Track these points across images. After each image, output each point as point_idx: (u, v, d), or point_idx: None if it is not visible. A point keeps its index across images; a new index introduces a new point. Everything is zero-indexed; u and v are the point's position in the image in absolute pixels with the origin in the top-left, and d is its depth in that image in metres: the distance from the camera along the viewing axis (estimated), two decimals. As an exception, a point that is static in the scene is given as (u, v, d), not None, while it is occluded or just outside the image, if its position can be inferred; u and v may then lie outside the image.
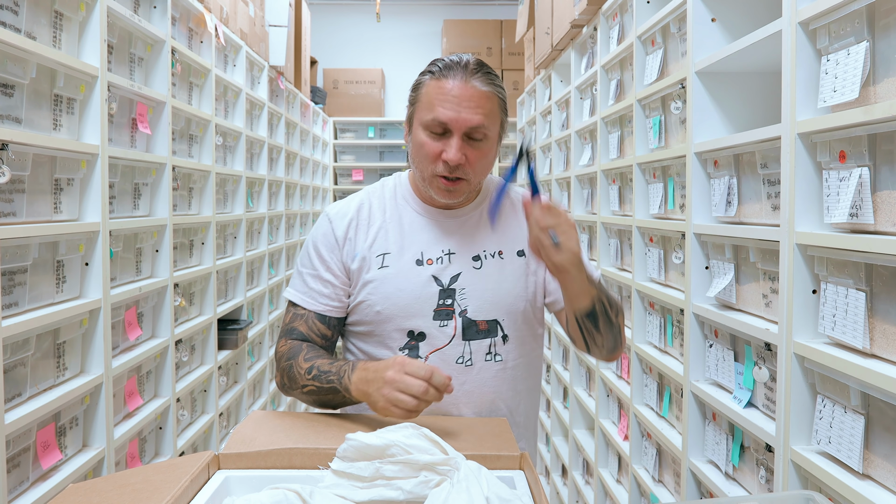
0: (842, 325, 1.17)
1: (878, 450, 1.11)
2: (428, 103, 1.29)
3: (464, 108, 1.26)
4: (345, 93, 6.65)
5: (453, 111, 1.26)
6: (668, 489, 2.01)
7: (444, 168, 1.28)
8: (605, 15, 2.56)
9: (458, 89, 1.27)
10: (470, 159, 1.29)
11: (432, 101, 1.28)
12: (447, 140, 1.28)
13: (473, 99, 1.27)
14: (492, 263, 1.38)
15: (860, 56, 1.10)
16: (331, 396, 1.26)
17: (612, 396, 2.57)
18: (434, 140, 1.29)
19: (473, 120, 1.26)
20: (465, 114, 1.26)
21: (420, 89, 1.32)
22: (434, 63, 1.33)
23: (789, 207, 1.28)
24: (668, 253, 2.01)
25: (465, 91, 1.26)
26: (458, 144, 1.27)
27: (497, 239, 1.40)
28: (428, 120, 1.28)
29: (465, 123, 1.26)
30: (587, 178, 2.96)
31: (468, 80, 1.27)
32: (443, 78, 1.28)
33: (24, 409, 1.53)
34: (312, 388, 1.28)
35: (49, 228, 1.62)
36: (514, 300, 1.37)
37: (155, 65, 2.26)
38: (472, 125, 1.26)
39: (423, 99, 1.30)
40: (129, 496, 0.90)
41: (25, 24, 1.58)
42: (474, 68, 1.29)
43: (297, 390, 1.31)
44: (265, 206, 3.76)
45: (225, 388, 3.03)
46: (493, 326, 1.36)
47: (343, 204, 1.42)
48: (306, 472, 1.05)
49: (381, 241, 1.37)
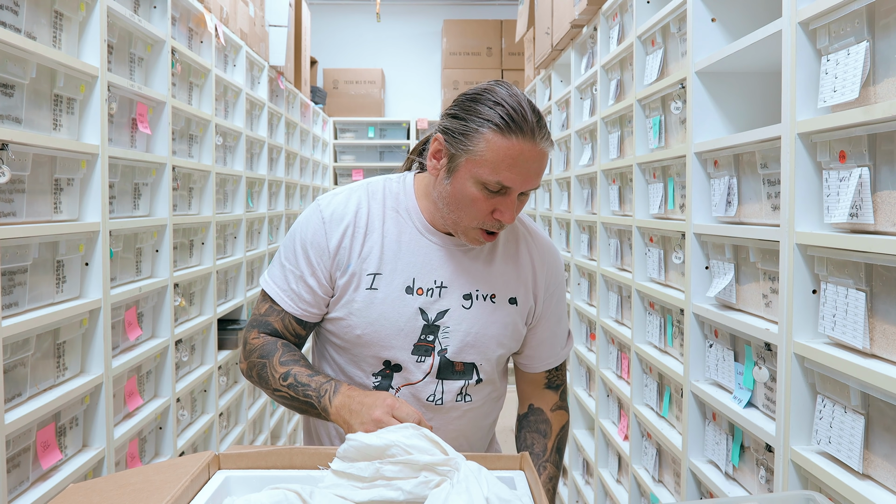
0: (842, 325, 1.17)
1: (878, 450, 1.11)
2: (492, 161, 1.15)
3: (532, 175, 1.18)
4: (345, 93, 6.64)
5: (521, 177, 1.17)
6: (668, 489, 2.01)
7: (495, 224, 1.22)
8: (605, 15, 2.56)
9: (528, 153, 1.16)
10: (516, 212, 1.23)
11: (498, 161, 1.15)
12: (501, 199, 1.19)
13: (542, 163, 1.19)
14: (482, 306, 1.30)
15: (860, 56, 1.10)
16: (304, 409, 1.22)
17: (612, 396, 2.57)
18: (488, 197, 1.19)
19: (535, 185, 1.20)
20: (532, 181, 1.19)
21: (476, 139, 1.16)
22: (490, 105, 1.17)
23: (789, 207, 1.28)
24: (668, 253, 2.01)
25: (534, 155, 1.17)
26: (515, 205, 1.20)
27: (492, 281, 1.32)
28: (489, 180, 1.17)
29: (529, 188, 1.20)
30: (587, 178, 2.96)
31: (537, 143, 1.17)
32: (510, 136, 1.15)
33: (24, 409, 1.53)
34: (286, 395, 1.23)
35: (49, 228, 1.62)
36: (496, 346, 1.32)
37: (155, 65, 2.26)
38: (533, 188, 1.21)
39: (486, 154, 1.16)
40: (129, 496, 0.90)
41: (25, 24, 1.58)
42: (537, 121, 1.17)
43: (268, 390, 1.26)
44: (265, 206, 3.76)
45: (225, 388, 3.03)
46: (469, 369, 1.30)
47: (339, 203, 1.30)
48: (306, 472, 1.05)
49: (373, 259, 1.27)
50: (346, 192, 1.33)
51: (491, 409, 1.40)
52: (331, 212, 1.29)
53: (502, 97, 1.17)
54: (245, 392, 3.27)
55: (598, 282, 2.67)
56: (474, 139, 1.17)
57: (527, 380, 1.44)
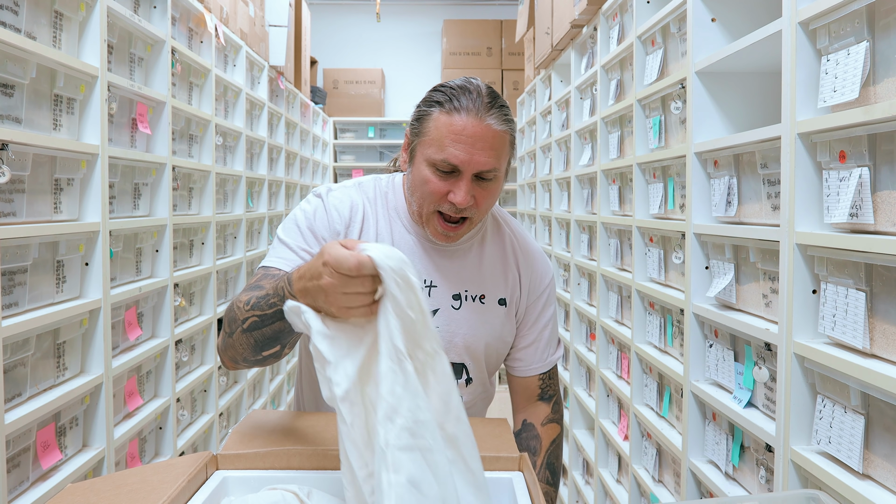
0: (842, 325, 1.17)
1: (878, 450, 1.11)
2: (437, 140, 1.17)
3: (477, 150, 1.16)
4: (345, 93, 6.65)
5: (466, 153, 1.16)
6: (668, 489, 2.01)
7: (450, 208, 1.20)
8: (605, 15, 2.56)
9: (471, 128, 1.16)
10: (477, 199, 1.20)
11: (442, 139, 1.17)
12: (455, 180, 1.18)
13: (487, 140, 1.16)
14: (471, 307, 1.31)
15: (860, 56, 1.10)
16: (277, 326, 1.06)
17: (612, 396, 2.57)
18: (440, 179, 1.19)
19: (487, 163, 1.17)
20: (479, 156, 1.16)
21: (426, 121, 1.20)
22: (441, 90, 1.20)
23: (789, 207, 1.28)
24: (668, 253, 2.01)
25: (478, 130, 1.16)
26: (467, 187, 1.18)
27: (481, 282, 1.32)
28: (437, 159, 1.17)
29: (477, 167, 1.17)
30: (587, 178, 2.96)
31: (483, 118, 1.16)
32: (454, 112, 1.17)
33: (24, 409, 1.53)
34: (254, 318, 1.08)
35: (49, 228, 1.62)
36: (485, 347, 1.32)
37: (155, 65, 2.26)
38: (485, 169, 1.18)
39: (432, 134, 1.18)
40: (126, 496, 0.90)
41: (25, 24, 1.58)
42: (488, 101, 1.18)
43: (237, 331, 1.11)
44: (265, 206, 3.76)
45: (225, 388, 3.03)
46: (458, 370, 1.30)
47: (338, 196, 1.30)
48: (304, 473, 1.05)
49: None
50: (341, 188, 1.33)
51: (481, 409, 1.41)
52: (332, 200, 1.29)
53: (453, 82, 1.21)
54: (245, 392, 3.27)
55: (598, 282, 2.67)
56: (425, 122, 1.20)
57: (519, 390, 1.43)
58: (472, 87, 1.19)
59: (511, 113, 1.23)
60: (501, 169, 1.22)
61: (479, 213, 1.23)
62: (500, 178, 1.23)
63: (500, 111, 1.19)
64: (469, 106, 1.16)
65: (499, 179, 1.23)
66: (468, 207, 1.20)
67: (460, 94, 1.18)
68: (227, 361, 1.18)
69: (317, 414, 1.26)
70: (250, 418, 1.23)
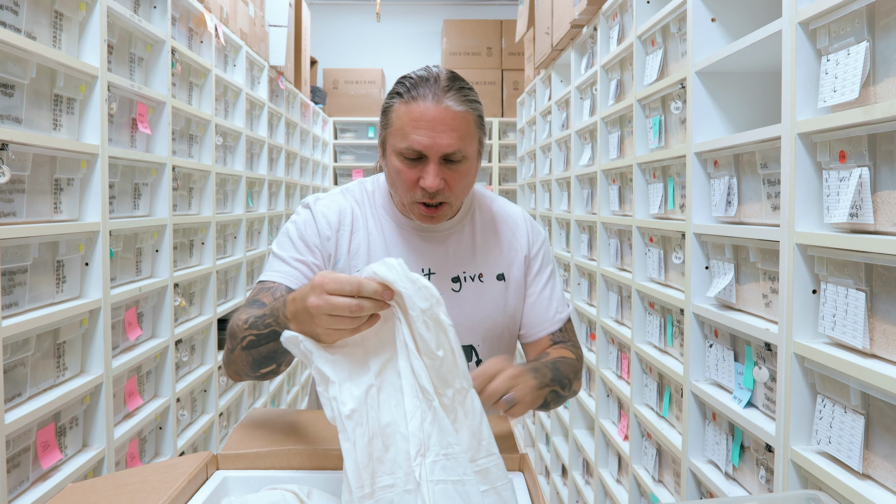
0: (842, 325, 1.17)
1: (878, 450, 1.11)
2: (400, 130, 1.20)
3: (438, 133, 1.18)
4: (345, 93, 6.65)
5: (427, 137, 1.18)
6: (668, 489, 2.01)
7: (424, 195, 1.22)
8: (605, 15, 2.56)
9: (430, 112, 1.18)
10: (449, 182, 1.22)
11: (404, 127, 1.20)
12: (423, 166, 1.21)
13: (447, 121, 1.18)
14: (471, 287, 1.33)
15: (860, 56, 1.10)
16: (272, 346, 1.08)
17: (612, 396, 2.57)
18: (410, 167, 1.22)
19: (450, 145, 1.19)
20: (441, 139, 1.18)
21: (390, 113, 1.23)
22: (402, 82, 1.24)
23: (789, 207, 1.28)
24: (668, 253, 2.01)
25: (437, 114, 1.18)
26: (435, 171, 1.20)
27: (478, 261, 1.35)
28: (402, 147, 1.20)
29: (441, 149, 1.19)
30: (587, 178, 2.96)
31: (440, 101, 1.18)
32: (412, 101, 1.19)
33: (24, 409, 1.53)
34: (251, 338, 1.10)
35: (49, 228, 1.62)
36: (491, 325, 1.33)
37: (155, 65, 2.26)
38: (448, 151, 1.19)
39: (395, 124, 1.22)
40: (126, 496, 0.90)
41: (25, 24, 1.58)
42: (446, 85, 1.20)
43: (237, 348, 1.14)
44: (265, 206, 3.76)
45: (225, 388, 3.03)
46: (467, 352, 1.31)
47: (325, 203, 1.34)
48: (304, 473, 1.05)
49: (361, 255, 1.31)
50: (328, 196, 1.37)
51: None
52: (319, 209, 1.33)
53: (414, 72, 1.24)
54: (245, 392, 3.27)
55: (598, 282, 2.67)
56: (389, 115, 1.24)
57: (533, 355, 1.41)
58: (429, 75, 1.22)
59: (475, 95, 1.25)
60: (468, 150, 1.23)
61: (455, 195, 1.25)
62: (472, 159, 1.25)
63: (459, 93, 1.21)
64: (426, 92, 1.19)
65: (469, 160, 1.24)
66: (442, 192, 1.22)
67: (418, 82, 1.21)
68: (231, 374, 1.22)
69: (317, 411, 1.26)
70: (251, 416, 1.23)
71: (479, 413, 0.92)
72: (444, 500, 0.85)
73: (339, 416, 0.87)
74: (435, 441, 0.87)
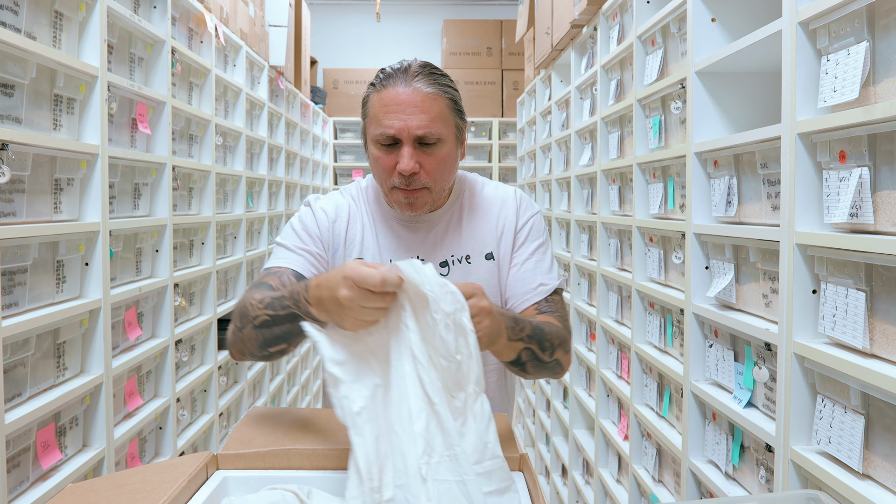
0: (842, 325, 1.17)
1: (878, 450, 1.11)
2: (374, 117, 1.25)
3: (409, 115, 1.21)
4: (345, 93, 6.64)
5: (398, 120, 1.21)
6: (668, 489, 2.01)
7: (401, 180, 1.25)
8: (605, 15, 2.56)
9: (400, 96, 1.22)
10: (426, 167, 1.24)
11: (377, 113, 1.24)
12: (399, 150, 1.24)
13: (417, 103, 1.21)
14: (459, 269, 1.35)
15: (860, 56, 1.10)
16: (286, 327, 1.11)
17: (612, 396, 2.57)
18: (386, 153, 1.25)
19: (420, 125, 1.21)
20: (412, 120, 1.21)
21: (366, 105, 1.28)
22: (377, 74, 1.28)
23: (789, 207, 1.28)
24: (668, 253, 2.01)
25: (407, 97, 1.21)
26: (409, 153, 1.22)
27: (464, 242, 1.37)
28: (377, 134, 1.24)
29: (412, 131, 1.22)
30: (587, 178, 2.96)
31: (410, 84, 1.22)
32: (384, 88, 1.24)
33: (24, 409, 1.53)
34: (266, 317, 1.13)
35: (49, 228, 1.62)
36: None
37: (155, 65, 2.26)
38: (420, 132, 1.22)
39: (370, 113, 1.26)
40: (126, 496, 0.90)
41: (25, 24, 1.58)
42: (416, 71, 1.24)
43: (248, 326, 1.16)
44: (265, 206, 3.76)
45: (225, 388, 3.03)
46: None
47: (325, 202, 1.40)
48: (304, 473, 1.05)
49: (356, 246, 1.36)
50: (326, 195, 1.44)
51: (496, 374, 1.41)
52: (319, 205, 1.39)
53: (388, 65, 1.28)
54: (245, 392, 3.27)
55: (598, 282, 2.67)
56: (365, 106, 1.29)
57: None
58: (403, 65, 1.26)
59: (449, 80, 1.27)
60: (443, 132, 1.24)
61: (434, 181, 1.27)
62: (448, 143, 1.26)
63: (429, 77, 1.24)
64: (397, 79, 1.23)
65: (445, 143, 1.26)
66: (418, 176, 1.24)
67: (391, 73, 1.25)
68: (235, 353, 1.24)
69: (317, 410, 1.27)
70: (251, 415, 1.23)
71: (487, 417, 0.94)
72: (448, 499, 0.87)
73: (350, 413, 0.92)
74: (440, 442, 0.90)
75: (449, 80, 1.27)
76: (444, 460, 0.89)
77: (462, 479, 0.89)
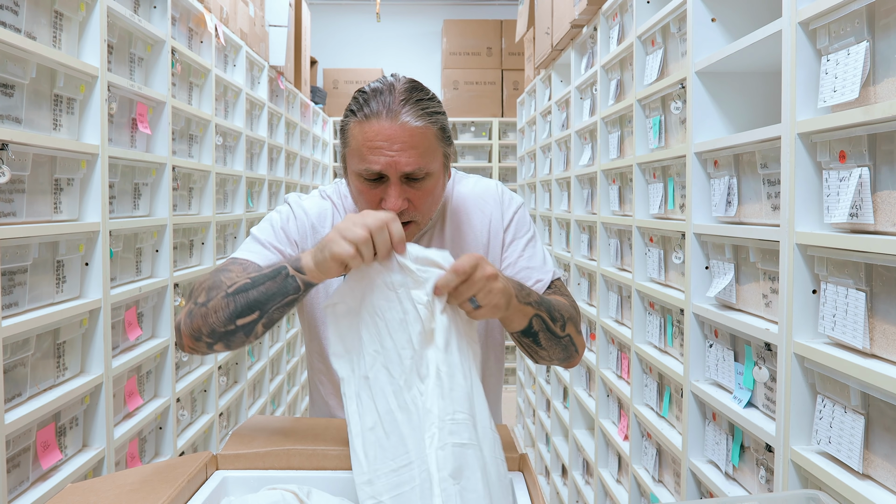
0: (842, 325, 1.17)
1: (878, 450, 1.11)
2: (357, 150, 1.14)
3: (396, 152, 1.11)
4: (345, 93, 6.64)
5: (384, 156, 1.12)
6: (668, 489, 2.01)
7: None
8: (605, 15, 2.56)
9: (386, 132, 1.11)
10: (414, 201, 1.16)
11: (360, 148, 1.13)
12: (385, 186, 1.15)
13: (405, 139, 1.12)
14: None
15: (860, 56, 1.10)
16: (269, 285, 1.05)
17: (612, 396, 2.57)
18: (371, 188, 1.16)
19: (409, 163, 1.12)
20: (400, 157, 1.12)
21: (346, 132, 1.17)
22: (356, 96, 1.17)
23: (789, 207, 1.28)
24: (668, 253, 2.01)
25: (393, 132, 1.11)
26: (397, 192, 1.14)
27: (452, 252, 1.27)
28: (360, 169, 1.14)
29: (400, 168, 1.12)
30: (587, 178, 2.96)
31: (396, 118, 1.11)
32: (366, 120, 1.13)
33: (24, 409, 1.53)
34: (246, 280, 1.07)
35: (49, 228, 1.62)
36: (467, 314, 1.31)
37: (155, 65, 2.26)
38: (409, 169, 1.13)
39: (352, 144, 1.15)
40: (126, 496, 0.90)
41: (25, 24, 1.58)
42: (402, 99, 1.13)
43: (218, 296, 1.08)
44: (265, 206, 3.76)
45: (225, 388, 3.03)
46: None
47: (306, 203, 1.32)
48: (304, 473, 1.05)
49: None
50: (307, 196, 1.35)
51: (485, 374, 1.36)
52: (300, 207, 1.31)
53: (369, 85, 1.17)
54: (245, 392, 3.28)
55: (598, 282, 2.67)
56: (346, 133, 1.18)
57: None
58: (385, 87, 1.15)
59: (436, 105, 1.18)
60: (431, 166, 1.16)
61: (422, 214, 1.20)
62: (436, 175, 1.19)
63: (416, 106, 1.13)
64: (380, 109, 1.12)
65: (433, 176, 1.18)
66: (407, 211, 1.17)
67: (371, 97, 1.14)
68: (187, 338, 1.13)
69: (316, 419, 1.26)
70: (251, 422, 1.23)
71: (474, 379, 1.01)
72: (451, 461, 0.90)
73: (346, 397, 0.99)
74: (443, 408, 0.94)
75: (436, 105, 1.18)
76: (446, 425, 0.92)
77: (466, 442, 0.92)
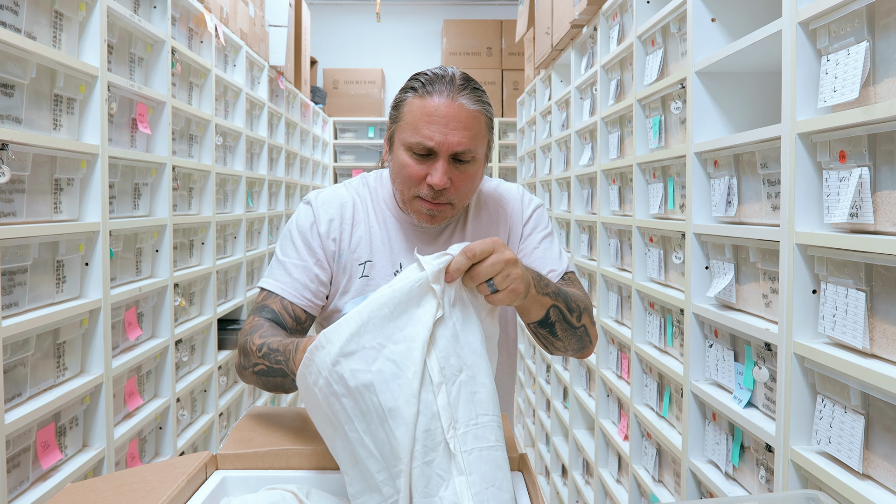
0: (842, 325, 1.17)
1: (878, 450, 1.11)
2: (412, 123, 1.20)
3: (451, 130, 1.18)
4: (345, 93, 6.65)
5: (440, 133, 1.18)
6: (668, 489, 2.01)
7: (429, 192, 1.22)
8: (605, 15, 2.56)
9: (444, 109, 1.18)
10: (455, 182, 1.22)
11: (417, 121, 1.20)
12: (432, 163, 1.20)
13: (461, 120, 1.19)
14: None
15: (860, 56, 1.10)
16: (280, 380, 1.15)
17: (612, 396, 2.57)
18: (418, 162, 1.21)
19: (461, 142, 1.19)
20: (453, 136, 1.18)
21: (402, 108, 1.24)
22: (416, 78, 1.24)
23: (789, 207, 1.28)
24: (668, 253, 2.01)
25: (451, 111, 1.18)
26: (443, 168, 1.19)
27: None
28: (412, 142, 1.20)
29: (452, 147, 1.19)
30: (587, 178, 2.96)
31: (455, 99, 1.19)
32: (427, 96, 1.20)
33: (24, 409, 1.53)
34: (263, 367, 1.16)
35: (49, 228, 1.62)
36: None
37: (155, 65, 2.26)
38: (459, 149, 1.19)
39: (407, 118, 1.22)
40: (126, 496, 0.90)
41: (25, 24, 1.58)
42: (461, 84, 1.21)
43: (249, 370, 1.20)
44: (265, 206, 3.76)
45: (225, 388, 3.04)
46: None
47: (326, 198, 1.35)
48: (304, 473, 1.05)
49: (363, 248, 1.32)
50: (330, 190, 1.38)
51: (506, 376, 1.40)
52: (320, 203, 1.34)
53: (429, 70, 1.24)
54: (245, 392, 3.28)
55: (598, 282, 2.67)
56: (401, 108, 1.24)
57: None
58: (445, 74, 1.22)
59: (487, 98, 1.25)
60: (478, 151, 1.23)
61: (460, 196, 1.25)
62: (479, 162, 1.25)
63: (473, 93, 1.21)
64: (441, 89, 1.20)
65: (477, 162, 1.24)
66: (447, 191, 1.22)
67: (434, 79, 1.21)
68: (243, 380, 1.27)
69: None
70: (250, 415, 1.23)
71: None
72: (480, 465, 0.88)
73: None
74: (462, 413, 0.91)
75: (487, 97, 1.25)
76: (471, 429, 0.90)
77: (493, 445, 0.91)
